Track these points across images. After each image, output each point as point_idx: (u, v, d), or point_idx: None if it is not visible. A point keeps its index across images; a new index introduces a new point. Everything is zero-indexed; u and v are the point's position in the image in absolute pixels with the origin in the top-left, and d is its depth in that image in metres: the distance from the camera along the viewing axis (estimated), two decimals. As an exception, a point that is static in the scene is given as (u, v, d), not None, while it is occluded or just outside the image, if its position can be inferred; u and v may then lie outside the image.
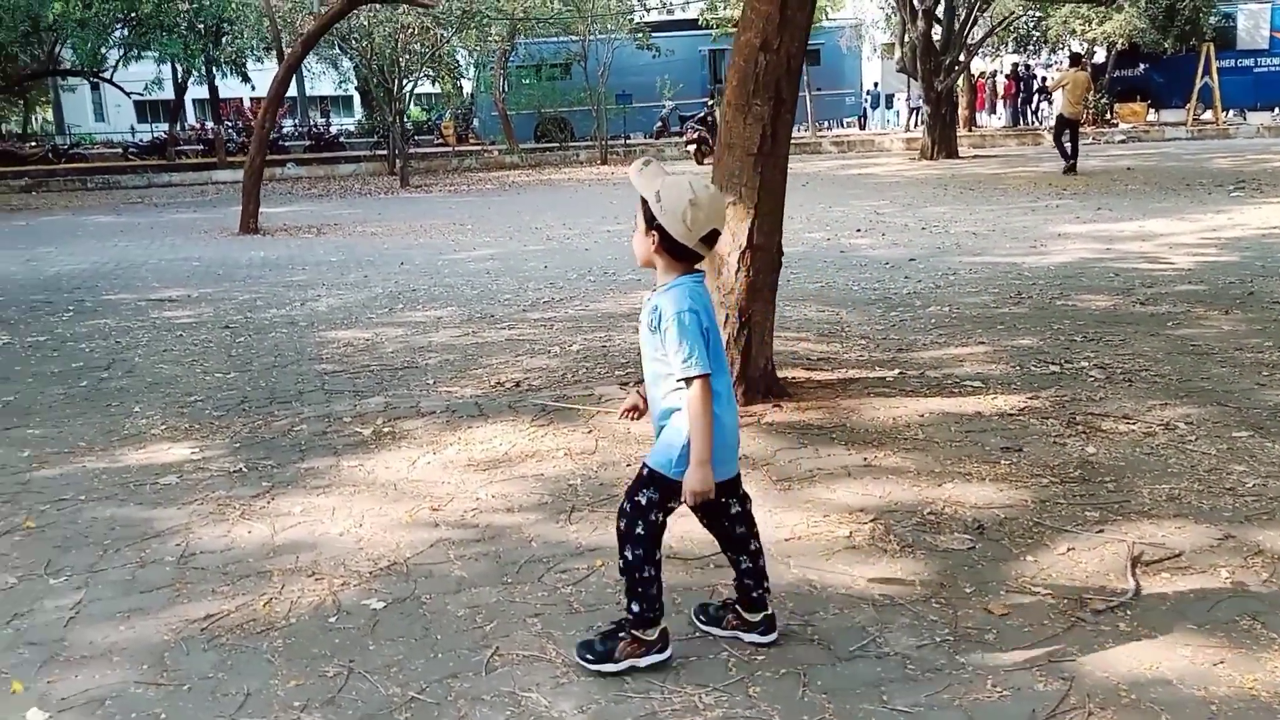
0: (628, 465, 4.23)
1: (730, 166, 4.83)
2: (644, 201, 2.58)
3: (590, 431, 4.69)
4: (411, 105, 33.21)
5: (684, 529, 3.16)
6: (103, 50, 19.65)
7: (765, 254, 4.87)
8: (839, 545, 3.36)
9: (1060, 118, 18.17)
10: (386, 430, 4.88)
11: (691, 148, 25.29)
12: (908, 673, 2.60)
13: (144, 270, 10.82)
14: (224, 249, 12.46)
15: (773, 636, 2.77)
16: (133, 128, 40.57)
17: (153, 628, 3.04)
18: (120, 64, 20.37)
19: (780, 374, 5.21)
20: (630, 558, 2.65)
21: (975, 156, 23.24)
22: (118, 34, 20.13)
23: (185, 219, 16.67)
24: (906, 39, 22.45)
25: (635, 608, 2.67)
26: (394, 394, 5.53)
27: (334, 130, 38.01)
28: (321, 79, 35.53)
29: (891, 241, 10.73)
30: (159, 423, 5.17)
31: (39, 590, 3.32)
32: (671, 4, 30.94)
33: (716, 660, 2.71)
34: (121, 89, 21.20)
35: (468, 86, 36.80)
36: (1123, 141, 26.18)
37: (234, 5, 21.11)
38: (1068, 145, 17.60)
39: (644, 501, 2.64)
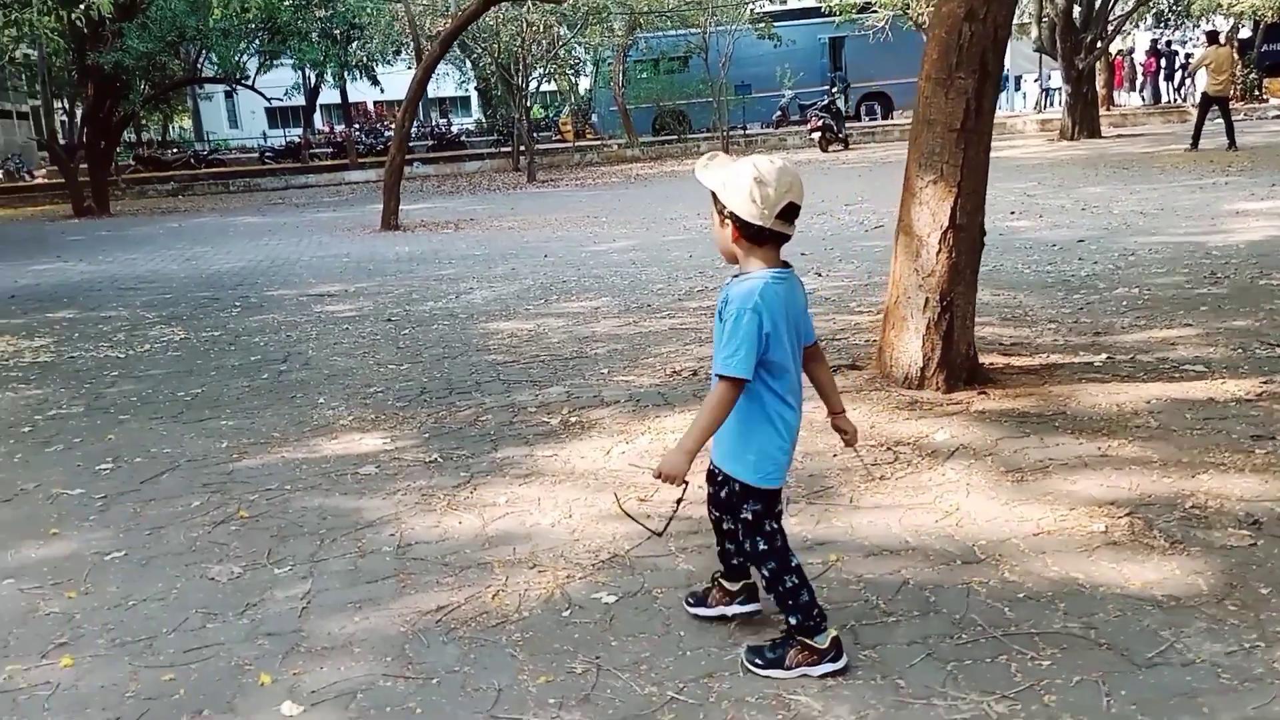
0: (833, 455, 4.03)
1: (929, 144, 4.57)
2: (714, 196, 2.46)
3: (787, 421, 4.49)
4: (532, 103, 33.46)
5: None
6: (244, 58, 20.32)
7: (967, 235, 4.60)
8: (1097, 541, 3.10)
9: (1205, 96, 17.24)
10: (574, 420, 4.78)
11: (816, 135, 24.88)
12: (1223, 683, 2.34)
13: (298, 267, 11.07)
14: (370, 245, 12.68)
15: (756, 606, 2.76)
16: (264, 133, 42.08)
17: (386, 619, 2.98)
18: (260, 71, 21.04)
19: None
20: (767, 574, 2.57)
21: (1119, 136, 22.20)
22: (257, 42, 20.80)
23: (326, 218, 17.09)
24: (1045, 16, 21.56)
25: (793, 620, 2.55)
26: (572, 384, 5.44)
27: (454, 130, 38.71)
28: (444, 80, 36.10)
29: (1051, 223, 10.24)
30: (345, 414, 5.19)
31: (265, 580, 3.31)
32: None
33: (996, 664, 2.50)
34: (262, 95, 21.90)
35: (584, 83, 36.99)
36: (1276, 117, 24.67)
37: (368, 10, 21.55)
38: (1214, 123, 16.67)
39: (750, 517, 2.55)
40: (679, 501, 2.67)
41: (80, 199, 20.20)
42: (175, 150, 35.19)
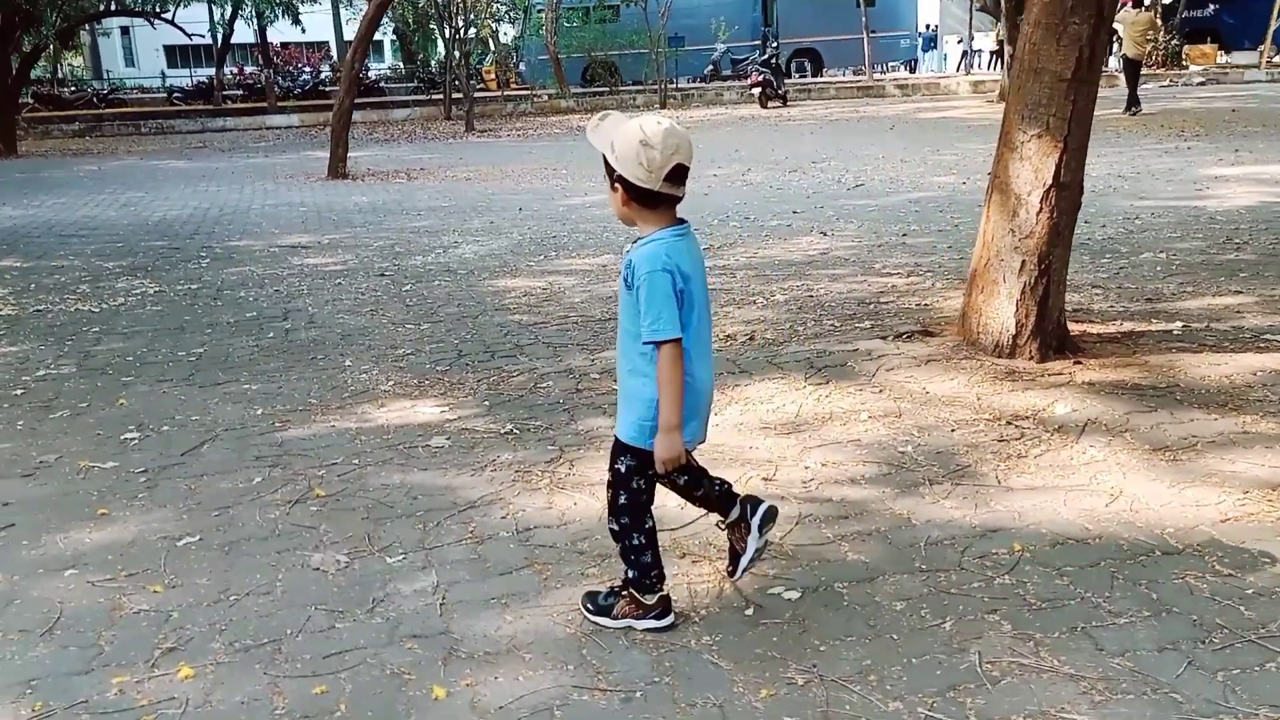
0: (952, 430, 3.81)
1: (1036, 94, 4.33)
2: (605, 158, 2.41)
3: (881, 391, 4.25)
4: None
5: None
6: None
7: (1070, 193, 4.39)
8: (1291, 529, 2.93)
9: (1124, 58, 17.64)
10: (647, 388, 4.45)
11: (756, 91, 24.59)
12: None
13: (253, 215, 10.38)
14: (323, 194, 12.00)
15: (767, 503, 2.68)
16: (163, 73, 39.85)
17: (544, 618, 2.64)
18: (180, 5, 19.78)
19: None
20: (617, 526, 2.57)
21: (1055, 100, 22.42)
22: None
23: (260, 164, 16.18)
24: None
25: (630, 573, 2.58)
26: (622, 347, 5.10)
27: (373, 75, 37.19)
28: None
29: (1035, 186, 10.17)
30: (381, 378, 4.77)
31: (379, 571, 2.93)
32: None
33: (1267, 673, 2.29)
34: (184, 30, 20.59)
35: (509, 30, 35.91)
36: (1201, 84, 25.27)
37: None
38: (1143, 88, 17.05)
39: (623, 469, 2.54)
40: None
41: (-17, 137, 18.77)
42: (74, 89, 33.04)
